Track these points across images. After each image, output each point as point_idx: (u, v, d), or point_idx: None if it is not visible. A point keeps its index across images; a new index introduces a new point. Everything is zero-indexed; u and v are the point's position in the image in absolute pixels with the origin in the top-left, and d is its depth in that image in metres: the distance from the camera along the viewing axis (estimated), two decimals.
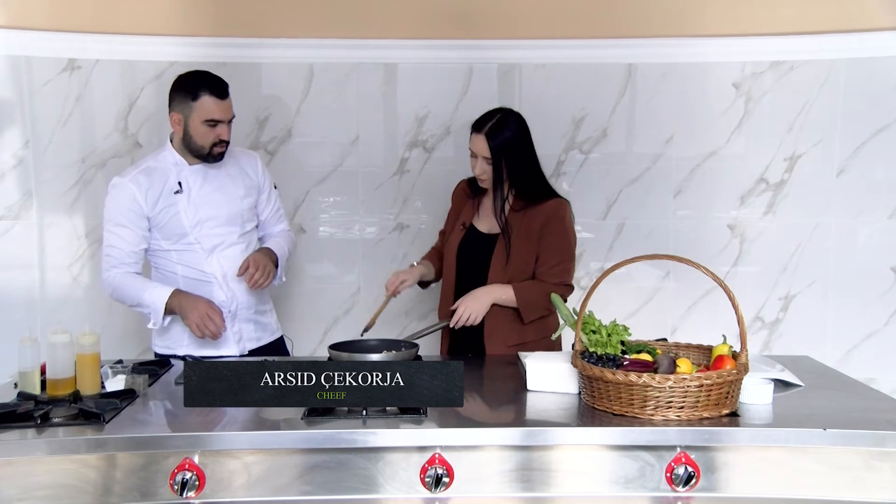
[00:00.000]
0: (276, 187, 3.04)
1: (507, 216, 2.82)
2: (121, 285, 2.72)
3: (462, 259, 2.92)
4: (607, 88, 3.61)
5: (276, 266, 2.85)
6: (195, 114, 2.68)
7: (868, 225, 3.61)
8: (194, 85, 2.69)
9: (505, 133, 2.76)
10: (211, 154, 2.74)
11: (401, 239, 3.68)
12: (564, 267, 2.82)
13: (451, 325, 2.79)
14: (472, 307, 2.74)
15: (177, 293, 2.68)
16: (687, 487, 1.92)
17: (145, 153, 3.55)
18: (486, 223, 2.92)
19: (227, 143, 2.76)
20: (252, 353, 2.85)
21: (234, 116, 2.77)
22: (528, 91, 3.58)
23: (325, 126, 3.61)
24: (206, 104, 2.67)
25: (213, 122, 2.68)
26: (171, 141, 2.81)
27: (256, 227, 2.96)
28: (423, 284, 3.10)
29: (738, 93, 3.59)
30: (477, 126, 2.80)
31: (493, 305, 2.78)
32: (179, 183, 2.76)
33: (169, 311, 2.68)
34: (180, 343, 2.79)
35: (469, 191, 3.00)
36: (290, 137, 3.61)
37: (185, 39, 3.50)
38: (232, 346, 2.82)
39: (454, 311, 2.77)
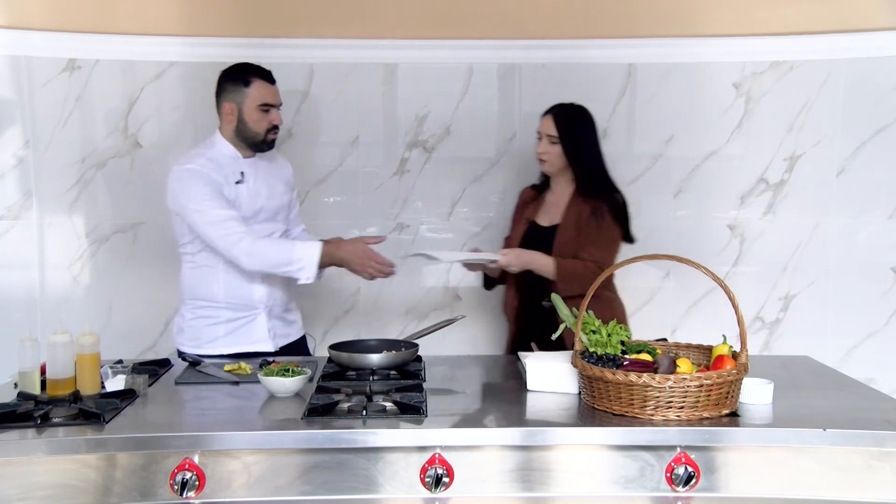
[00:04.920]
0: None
1: (567, 207, 2.94)
2: (262, 251, 2.68)
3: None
4: (607, 88, 3.61)
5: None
6: (248, 100, 2.74)
7: (868, 225, 3.61)
8: (244, 72, 2.77)
9: (571, 117, 2.94)
10: (265, 141, 2.79)
11: (401, 239, 3.68)
12: (602, 252, 2.88)
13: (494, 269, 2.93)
14: (514, 261, 2.84)
15: (325, 246, 2.69)
16: (687, 487, 1.92)
17: (145, 153, 3.57)
18: (545, 217, 3.02)
19: (278, 129, 2.81)
20: (282, 349, 2.87)
21: (282, 103, 2.82)
22: (528, 91, 3.58)
23: (325, 126, 3.61)
24: (259, 89, 2.74)
25: (266, 107, 2.75)
26: (220, 134, 2.83)
27: None
28: (489, 285, 3.16)
29: (738, 93, 3.59)
30: (547, 110, 2.98)
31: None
32: (242, 173, 2.80)
33: (324, 265, 2.70)
34: (213, 342, 2.80)
35: (534, 192, 3.12)
36: (290, 137, 3.60)
37: (185, 39, 3.50)
38: (268, 343, 2.84)
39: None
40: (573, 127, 2.93)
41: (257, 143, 2.80)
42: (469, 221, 3.67)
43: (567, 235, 2.91)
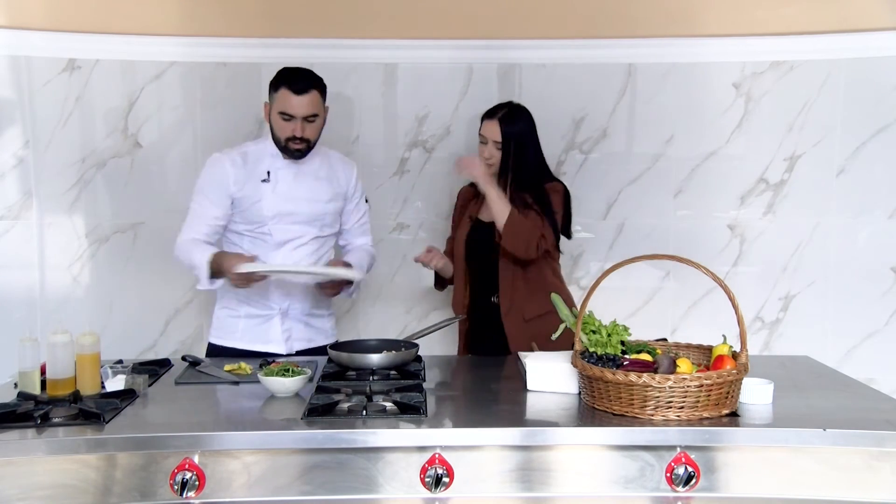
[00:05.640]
0: (367, 201, 3.06)
1: (510, 201, 2.94)
2: (182, 249, 2.77)
3: (470, 249, 3.03)
4: (607, 88, 3.61)
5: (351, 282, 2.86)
6: (274, 105, 2.76)
7: (868, 225, 3.61)
8: (278, 77, 2.77)
9: (516, 121, 2.94)
10: (287, 149, 2.78)
11: (401, 239, 3.68)
12: (544, 225, 2.89)
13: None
14: (481, 175, 2.85)
15: (217, 255, 2.71)
16: (687, 487, 1.92)
17: (145, 153, 3.57)
18: (488, 213, 3.01)
19: (308, 141, 2.78)
20: (300, 353, 2.86)
21: (315, 115, 2.77)
22: (528, 91, 3.58)
23: (326, 126, 3.61)
24: (282, 97, 2.72)
25: (287, 116, 2.72)
26: None
27: (337, 234, 3.00)
28: (440, 285, 3.18)
29: (738, 93, 3.59)
30: (490, 113, 2.99)
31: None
32: (268, 172, 2.80)
33: (215, 273, 2.71)
34: (233, 335, 2.87)
35: (473, 190, 3.12)
36: None
37: (185, 39, 3.50)
38: (280, 345, 2.85)
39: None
40: (520, 132, 2.94)
41: (281, 149, 2.81)
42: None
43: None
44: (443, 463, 1.92)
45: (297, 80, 2.74)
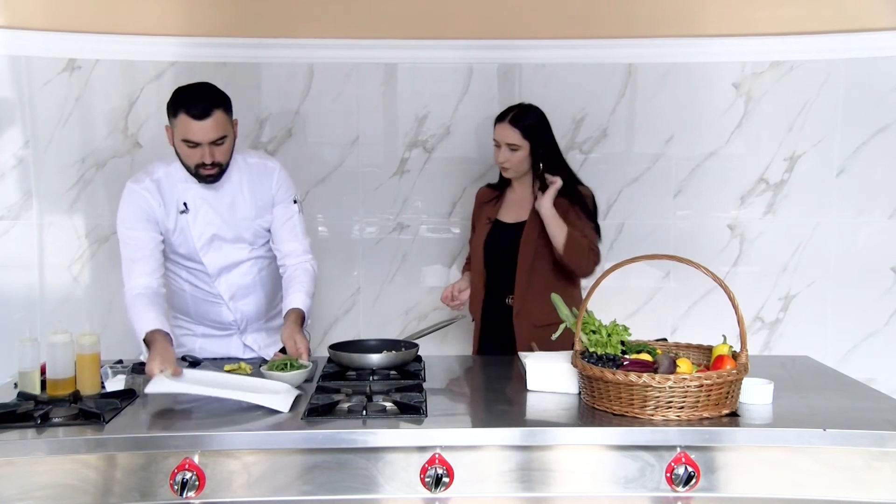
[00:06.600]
0: (296, 202, 2.74)
1: (534, 203, 2.93)
2: (128, 309, 2.51)
3: (489, 250, 3.01)
4: (607, 88, 3.61)
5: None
6: (177, 131, 2.48)
7: (868, 225, 3.61)
8: (175, 101, 2.48)
9: (528, 119, 2.91)
10: (198, 175, 2.54)
11: (401, 239, 3.68)
12: (591, 234, 2.90)
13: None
14: (555, 192, 2.86)
15: (151, 335, 2.38)
16: (687, 487, 1.92)
17: (145, 153, 3.57)
18: (510, 214, 3.01)
19: (220, 165, 2.53)
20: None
21: (223, 137, 2.49)
22: (528, 91, 3.58)
23: (325, 126, 3.61)
24: (182, 124, 2.45)
25: (191, 144, 2.47)
26: None
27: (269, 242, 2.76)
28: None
29: (738, 93, 3.59)
30: (500, 117, 2.95)
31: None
32: (185, 204, 2.60)
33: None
34: (191, 352, 2.75)
35: (490, 193, 3.12)
36: (290, 137, 3.61)
37: (185, 39, 3.50)
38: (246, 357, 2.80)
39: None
40: (538, 132, 2.91)
41: (193, 175, 2.56)
42: (469, 221, 3.67)
43: (535, 231, 2.91)
44: (443, 463, 1.92)
45: (195, 103, 2.44)
